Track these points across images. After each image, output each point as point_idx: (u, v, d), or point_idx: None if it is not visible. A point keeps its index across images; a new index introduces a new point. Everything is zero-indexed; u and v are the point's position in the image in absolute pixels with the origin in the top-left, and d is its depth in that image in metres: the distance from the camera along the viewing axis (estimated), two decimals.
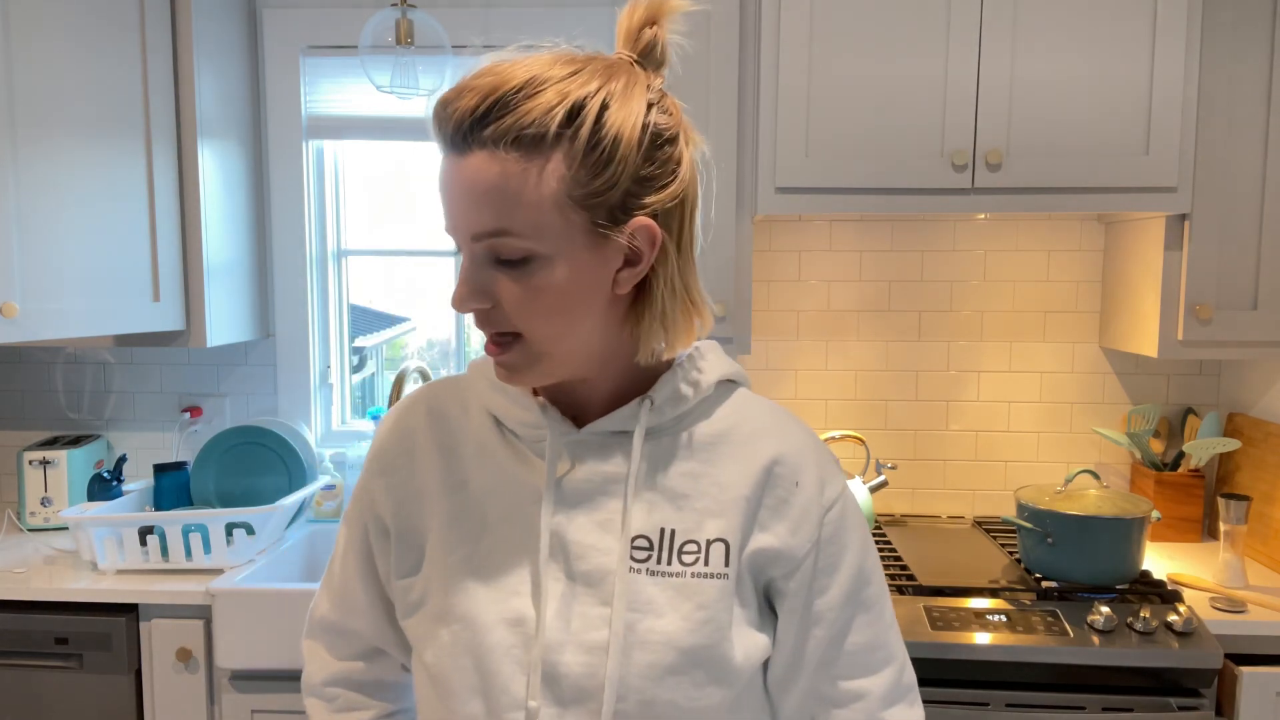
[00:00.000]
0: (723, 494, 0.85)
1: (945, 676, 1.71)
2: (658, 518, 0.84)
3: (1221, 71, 1.92)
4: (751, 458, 0.86)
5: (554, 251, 0.76)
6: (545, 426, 0.85)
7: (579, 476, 0.85)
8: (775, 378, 2.43)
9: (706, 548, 0.83)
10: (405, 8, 2.21)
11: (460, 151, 0.75)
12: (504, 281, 0.77)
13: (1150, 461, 2.27)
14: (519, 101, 0.73)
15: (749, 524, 0.85)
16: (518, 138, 0.73)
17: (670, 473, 0.85)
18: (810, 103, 1.94)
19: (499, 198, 0.74)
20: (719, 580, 0.82)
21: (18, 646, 1.91)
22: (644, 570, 0.82)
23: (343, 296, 2.59)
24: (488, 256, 0.78)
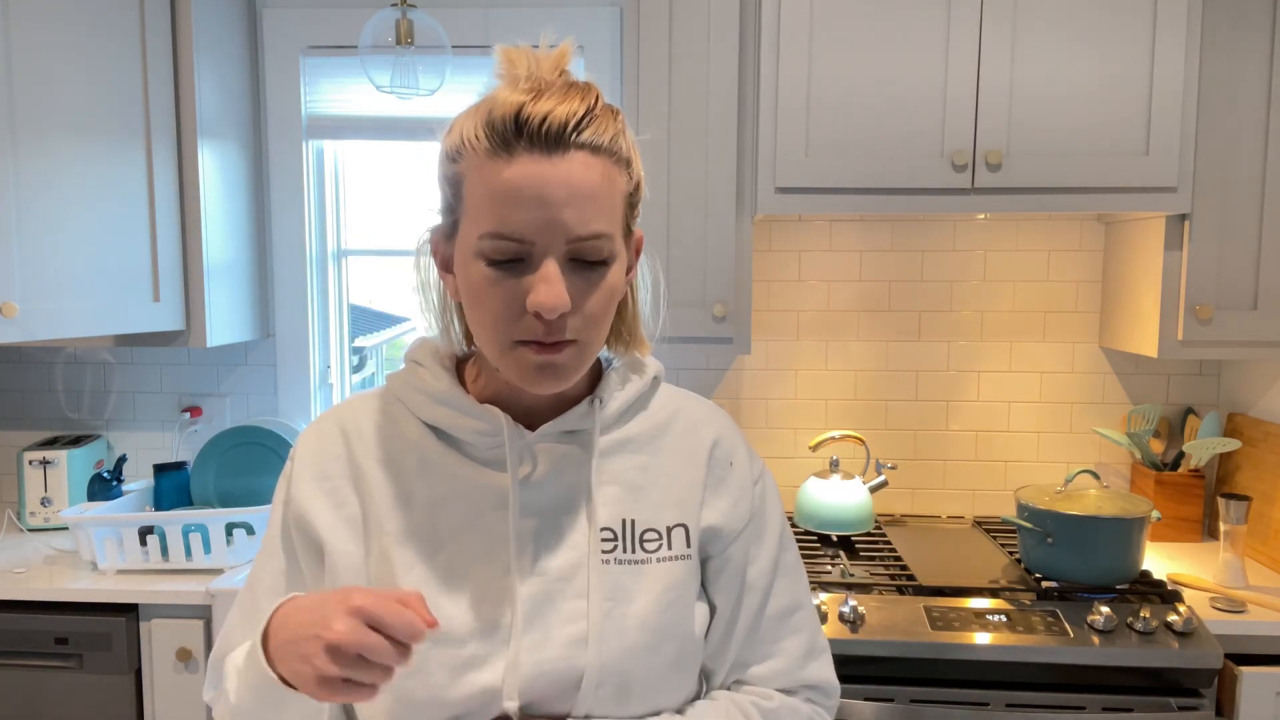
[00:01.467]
0: (673, 482, 0.91)
1: (945, 676, 1.71)
2: (618, 510, 0.89)
3: (1221, 71, 1.92)
4: (695, 445, 0.93)
5: (619, 252, 0.83)
6: (501, 433, 0.87)
7: (538, 479, 0.88)
8: (775, 378, 2.43)
9: (668, 534, 0.89)
10: (405, 8, 2.21)
11: (558, 151, 0.76)
12: (580, 286, 0.80)
13: (1150, 461, 2.27)
14: (597, 114, 0.79)
15: (699, 505, 0.91)
16: (609, 144, 0.80)
17: (622, 466, 0.90)
18: (810, 103, 1.94)
19: (603, 200, 0.79)
20: (684, 561, 0.89)
21: (18, 646, 1.91)
22: (612, 560, 0.87)
23: (343, 296, 2.59)
24: (570, 261, 0.79)
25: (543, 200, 0.76)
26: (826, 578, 1.90)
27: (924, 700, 1.71)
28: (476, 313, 0.82)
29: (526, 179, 0.76)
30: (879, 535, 2.21)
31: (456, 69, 2.31)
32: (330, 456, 0.92)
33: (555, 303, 0.77)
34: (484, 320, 0.81)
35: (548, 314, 0.77)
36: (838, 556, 2.06)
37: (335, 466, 0.91)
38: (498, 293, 0.79)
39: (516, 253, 0.78)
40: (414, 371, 0.92)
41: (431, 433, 0.90)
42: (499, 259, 0.78)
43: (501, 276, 0.79)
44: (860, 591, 1.83)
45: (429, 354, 0.93)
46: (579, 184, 0.77)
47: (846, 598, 1.77)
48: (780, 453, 2.45)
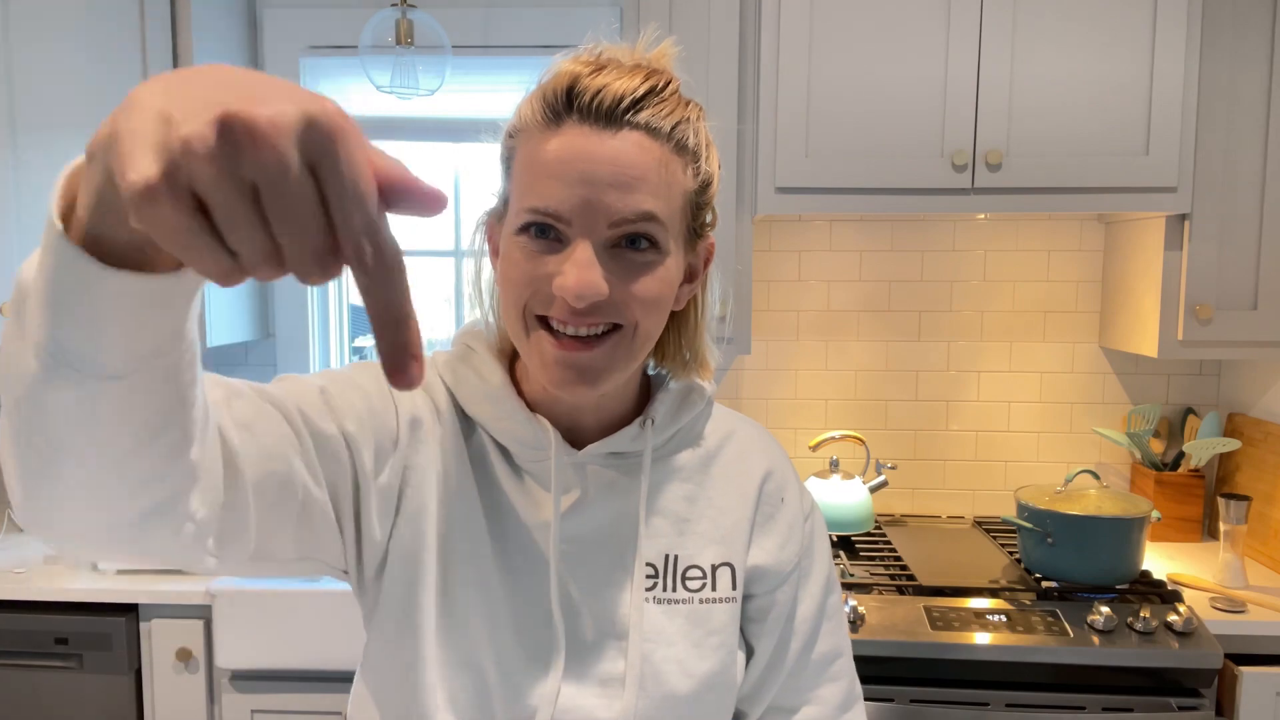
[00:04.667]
0: (721, 516, 0.83)
1: (945, 676, 1.71)
2: (661, 544, 0.82)
3: (1222, 71, 1.92)
4: (744, 476, 0.86)
5: (672, 248, 0.74)
6: (545, 447, 0.79)
7: (582, 503, 0.80)
8: (775, 378, 2.43)
9: (712, 573, 0.82)
10: (405, 8, 2.21)
11: (610, 127, 0.70)
12: (620, 273, 0.70)
13: (1150, 461, 2.27)
14: (663, 94, 0.72)
15: (746, 544, 0.84)
16: (671, 131, 0.72)
17: (668, 496, 0.83)
18: (810, 102, 1.94)
19: (657, 182, 0.71)
20: (728, 604, 0.82)
21: (18, 646, 1.91)
22: (651, 599, 0.80)
23: (343, 296, 2.59)
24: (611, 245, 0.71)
25: (585, 177, 0.69)
26: None
27: (924, 700, 1.71)
28: (504, 295, 0.74)
29: (569, 151, 0.69)
30: (879, 535, 2.21)
31: (456, 69, 2.31)
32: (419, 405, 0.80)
33: (583, 288, 0.68)
34: (509, 300, 0.73)
35: (574, 301, 0.68)
36: (838, 557, 2.06)
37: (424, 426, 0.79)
38: (529, 270, 0.70)
39: (553, 229, 0.70)
40: (468, 356, 0.82)
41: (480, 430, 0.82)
42: (535, 235, 0.70)
43: (536, 255, 0.70)
44: (860, 591, 1.83)
45: (482, 340, 0.83)
46: (627, 163, 0.69)
47: (846, 598, 1.77)
48: None
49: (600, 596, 0.79)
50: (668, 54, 0.78)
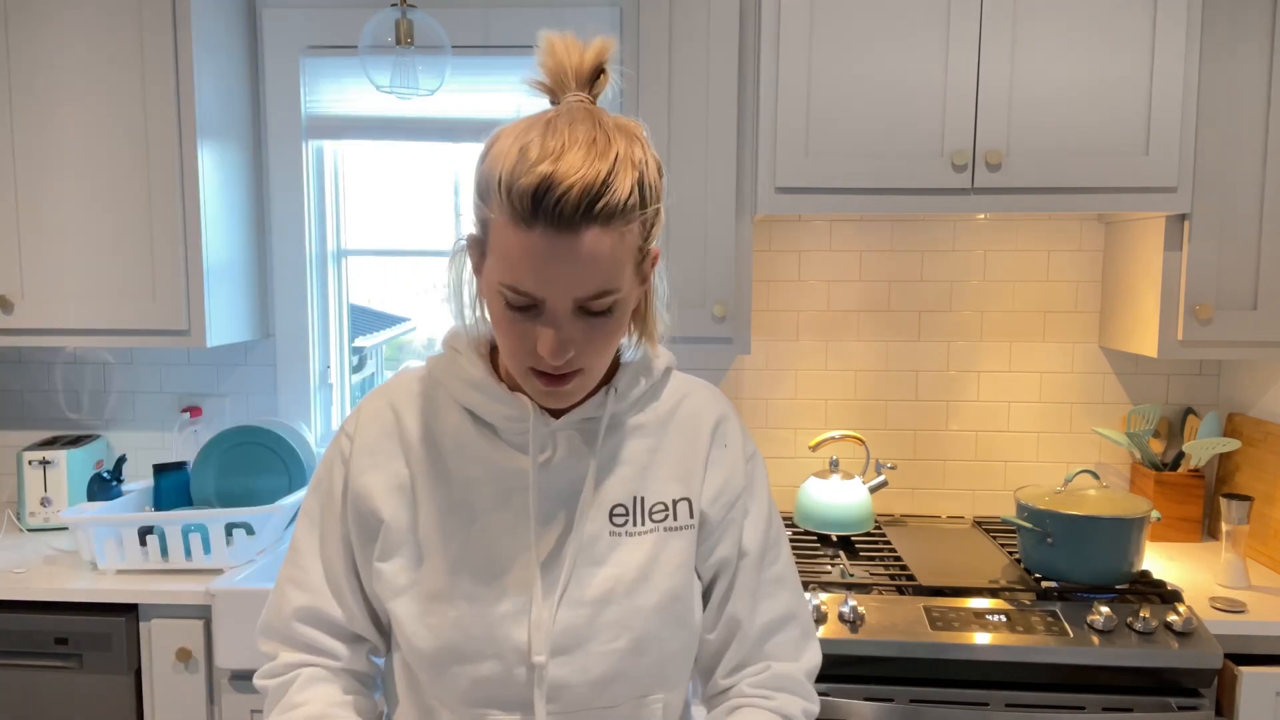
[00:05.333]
0: (680, 461, 1.02)
1: (945, 676, 1.71)
2: (629, 488, 0.99)
3: (1221, 72, 1.92)
4: (698, 425, 1.04)
5: (626, 294, 0.89)
6: (527, 419, 0.97)
7: (557, 462, 0.98)
8: (775, 378, 2.43)
9: (673, 506, 1.00)
10: (405, 8, 2.21)
11: (572, 230, 0.82)
12: (584, 329, 0.88)
13: (1150, 461, 2.27)
14: (613, 182, 0.83)
15: (701, 481, 1.02)
16: (622, 211, 0.84)
17: (634, 449, 1.01)
18: (810, 103, 1.94)
19: (609, 264, 0.85)
20: (687, 531, 1.00)
21: (18, 646, 1.91)
22: (624, 533, 0.98)
23: (343, 296, 2.59)
24: (578, 311, 0.86)
25: (553, 270, 0.83)
26: (826, 578, 1.90)
27: (924, 700, 1.71)
28: (499, 334, 0.91)
29: (543, 252, 0.82)
30: (879, 535, 2.21)
31: (456, 69, 2.31)
32: (383, 432, 1.00)
33: (554, 354, 0.86)
34: (503, 343, 0.91)
35: (550, 364, 0.87)
36: (837, 557, 2.06)
37: (388, 442, 1.00)
38: (514, 330, 0.88)
39: (530, 304, 0.86)
40: (454, 358, 1.00)
41: (469, 416, 0.99)
42: (514, 304, 0.86)
43: (517, 317, 0.87)
44: (860, 591, 1.83)
45: (465, 341, 1.01)
46: (587, 256, 0.83)
47: (846, 598, 1.77)
48: (780, 453, 2.45)
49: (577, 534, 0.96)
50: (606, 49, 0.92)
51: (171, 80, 2.09)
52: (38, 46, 2.09)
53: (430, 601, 0.95)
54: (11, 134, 2.11)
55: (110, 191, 2.12)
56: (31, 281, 2.14)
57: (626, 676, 0.96)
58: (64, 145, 2.11)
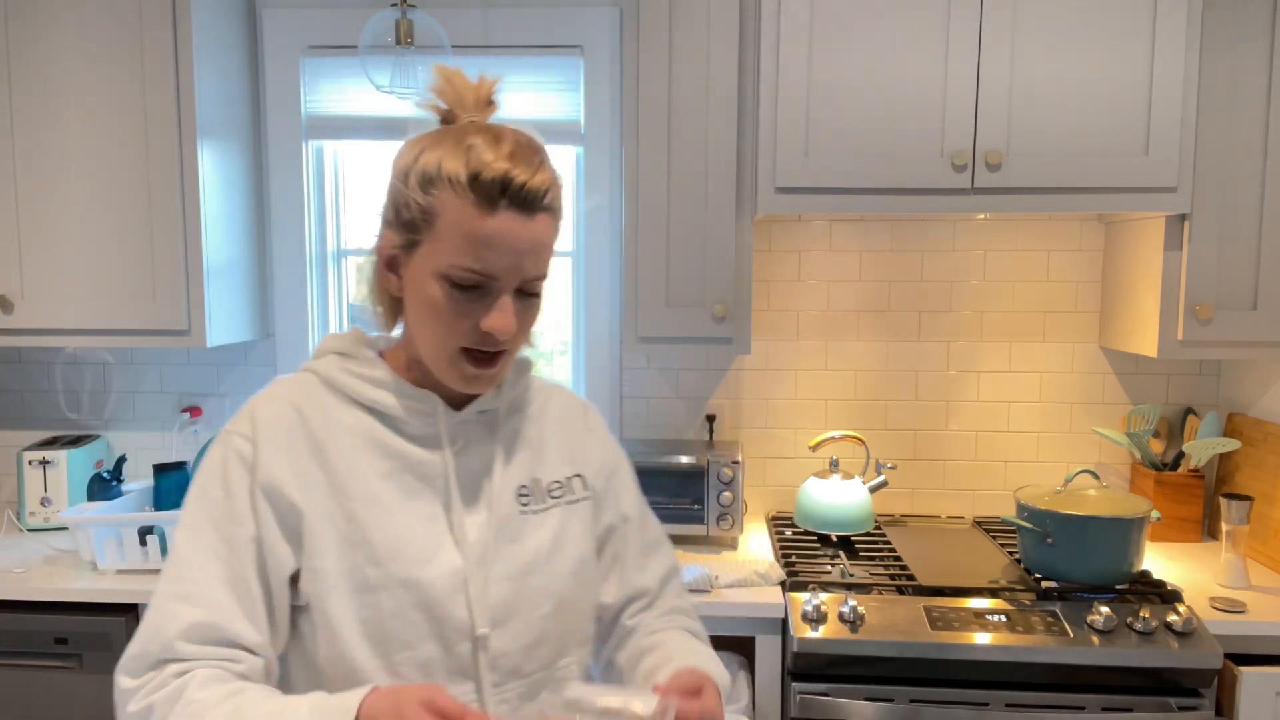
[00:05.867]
0: (564, 444, 1.15)
1: (945, 676, 1.71)
2: (528, 470, 1.10)
3: (1221, 72, 1.92)
4: (571, 414, 1.18)
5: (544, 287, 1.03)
6: (435, 413, 1.05)
7: (465, 450, 1.06)
8: (775, 378, 2.43)
9: (569, 482, 1.13)
10: (405, 8, 2.21)
11: (530, 213, 0.95)
12: (519, 310, 0.99)
13: (1150, 461, 2.27)
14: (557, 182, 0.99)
15: (586, 458, 1.16)
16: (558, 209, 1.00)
17: (525, 436, 1.12)
18: (810, 103, 1.94)
19: (550, 249, 1.00)
20: (585, 502, 1.14)
21: (18, 646, 1.91)
22: (530, 511, 1.08)
23: (342, 296, 2.59)
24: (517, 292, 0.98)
25: (515, 250, 0.95)
26: (826, 578, 1.90)
27: (924, 700, 1.71)
28: (428, 322, 0.98)
29: (506, 232, 0.94)
30: (879, 535, 2.21)
31: None
32: (288, 429, 1.01)
33: (509, 330, 0.97)
34: (435, 329, 0.98)
35: (501, 337, 0.96)
36: (837, 556, 2.06)
37: (294, 440, 1.01)
38: (456, 310, 0.96)
39: (480, 283, 0.96)
40: (346, 362, 1.06)
41: (370, 414, 1.04)
42: (464, 284, 0.95)
43: (462, 298, 0.96)
44: (860, 591, 1.83)
45: (357, 346, 1.08)
46: (540, 239, 0.97)
47: (846, 598, 1.77)
48: (780, 453, 2.45)
49: (491, 514, 1.04)
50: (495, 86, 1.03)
51: (171, 80, 2.09)
52: (38, 47, 2.09)
53: (364, 594, 0.97)
54: (12, 134, 2.11)
55: (110, 191, 2.12)
56: (31, 281, 2.14)
57: (549, 639, 1.05)
58: (64, 145, 2.11)
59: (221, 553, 0.96)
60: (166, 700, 0.89)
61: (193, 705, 0.88)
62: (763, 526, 2.36)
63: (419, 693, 0.85)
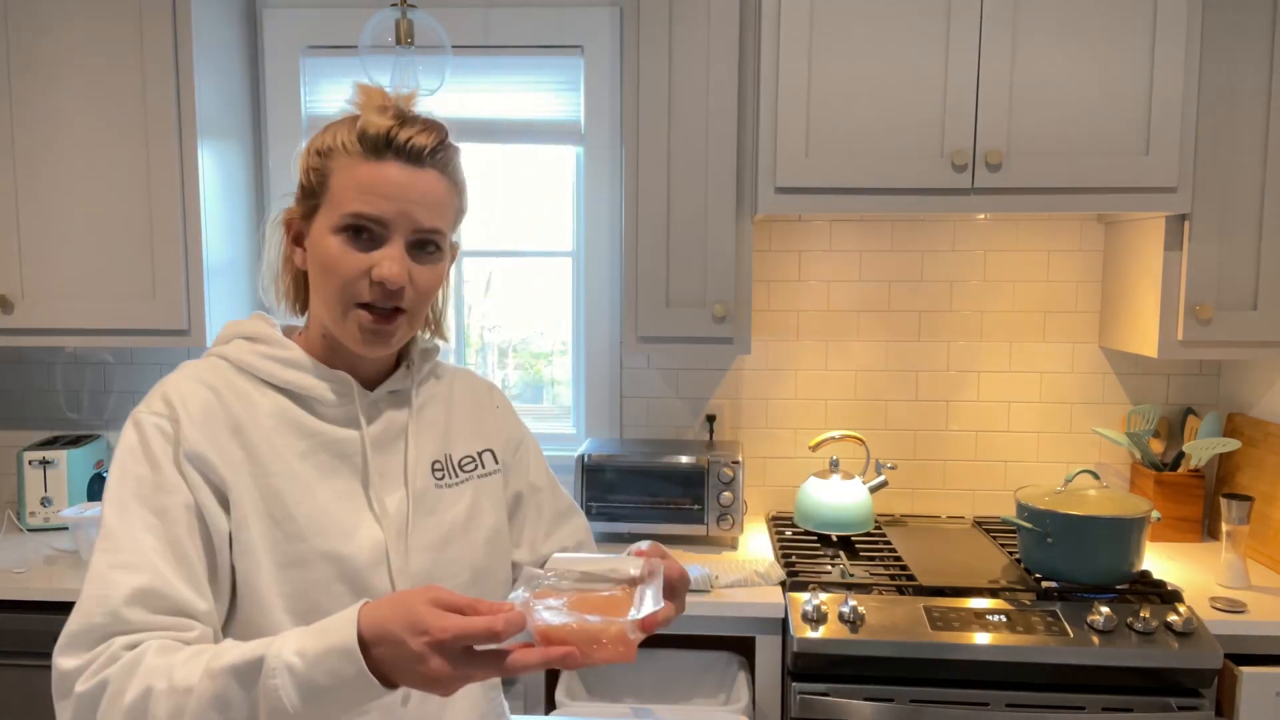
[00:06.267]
0: (472, 422, 1.19)
1: (945, 676, 1.71)
2: (439, 447, 1.14)
3: (1221, 72, 1.92)
4: (477, 393, 1.23)
5: (444, 254, 1.06)
6: (349, 394, 1.07)
7: (380, 428, 1.09)
8: (775, 378, 2.43)
9: (479, 457, 1.17)
10: (405, 8, 2.21)
11: (418, 165, 1.00)
12: (415, 267, 1.02)
13: (1150, 461, 2.27)
14: (449, 144, 1.04)
15: (495, 433, 1.21)
16: (450, 171, 1.04)
17: (432, 414, 1.15)
18: (810, 103, 1.94)
19: (445, 208, 1.03)
20: (495, 475, 1.18)
21: (18, 646, 1.91)
22: (444, 485, 1.12)
23: None
24: (411, 249, 1.01)
25: (403, 195, 0.99)
26: (826, 578, 1.90)
27: (924, 700, 1.71)
28: (325, 278, 1.01)
29: (393, 178, 0.99)
30: (879, 535, 2.21)
31: (456, 69, 2.31)
32: (206, 408, 1.01)
33: (399, 276, 0.99)
34: (332, 283, 1.00)
35: (391, 284, 0.98)
36: (838, 556, 2.06)
37: (213, 417, 1.01)
38: (349, 260, 0.99)
39: (371, 233, 0.99)
40: (255, 345, 1.07)
41: (284, 395, 1.05)
42: (355, 236, 0.99)
43: (356, 249, 0.99)
44: (860, 591, 1.83)
45: (265, 329, 1.09)
46: (429, 191, 1.01)
47: (846, 598, 1.77)
48: (780, 453, 2.45)
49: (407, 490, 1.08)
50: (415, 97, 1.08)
51: (171, 80, 2.09)
52: (38, 46, 2.09)
53: (287, 568, 0.99)
54: (12, 134, 2.11)
55: (110, 191, 2.12)
56: (31, 281, 2.14)
57: None
58: (64, 145, 2.11)
59: (153, 525, 0.93)
60: (122, 672, 0.84)
61: (156, 668, 0.84)
62: (763, 526, 2.36)
63: (424, 594, 0.82)
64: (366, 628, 0.82)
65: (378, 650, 0.82)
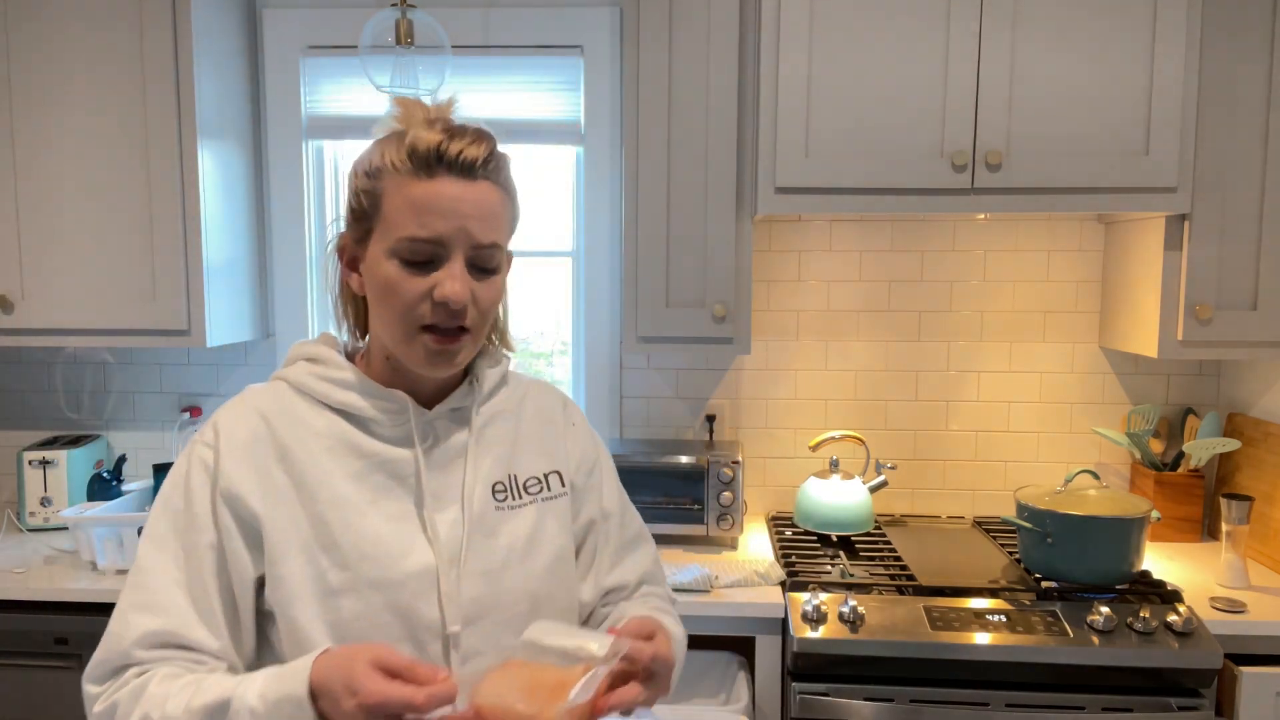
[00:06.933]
0: (541, 440, 1.14)
1: (945, 676, 1.71)
2: (503, 466, 1.09)
3: (1221, 72, 1.92)
4: (549, 410, 1.18)
5: (503, 266, 1.04)
6: (405, 412, 1.04)
7: (439, 448, 1.06)
8: (775, 378, 2.43)
9: (545, 479, 1.12)
10: (405, 8, 2.21)
11: (471, 179, 0.97)
12: (475, 285, 0.99)
13: (1150, 461, 2.27)
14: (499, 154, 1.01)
15: (565, 453, 1.15)
16: (504, 182, 1.02)
17: (499, 432, 1.11)
18: (810, 102, 1.94)
19: (500, 220, 1.00)
20: (562, 499, 1.13)
21: (17, 646, 1.91)
22: (506, 507, 1.07)
23: None
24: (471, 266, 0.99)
25: (457, 212, 0.96)
26: (826, 578, 1.90)
27: (924, 700, 1.71)
28: (386, 303, 0.99)
29: (447, 194, 0.96)
30: (879, 535, 2.21)
31: (456, 69, 2.31)
32: (253, 436, 1.02)
33: (461, 295, 0.96)
34: (394, 308, 0.98)
35: (454, 304, 0.96)
36: (837, 556, 2.06)
37: (259, 446, 1.01)
38: (409, 285, 0.97)
39: (429, 254, 0.97)
40: (313, 367, 1.07)
41: (340, 416, 1.04)
42: (413, 259, 0.97)
43: (414, 272, 0.97)
44: (860, 591, 1.83)
45: (325, 351, 1.08)
46: (484, 204, 0.98)
47: (846, 598, 1.77)
48: (780, 453, 2.45)
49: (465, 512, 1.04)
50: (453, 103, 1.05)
51: (171, 80, 2.09)
52: (38, 47, 2.09)
53: (330, 598, 0.97)
54: (12, 134, 2.11)
55: (110, 191, 2.12)
56: (31, 281, 2.14)
57: None
58: (64, 145, 2.11)
59: (181, 560, 0.98)
60: (129, 697, 0.93)
61: (154, 696, 0.91)
62: (763, 526, 2.36)
63: (368, 652, 0.85)
64: (316, 678, 0.86)
65: (322, 702, 0.85)
